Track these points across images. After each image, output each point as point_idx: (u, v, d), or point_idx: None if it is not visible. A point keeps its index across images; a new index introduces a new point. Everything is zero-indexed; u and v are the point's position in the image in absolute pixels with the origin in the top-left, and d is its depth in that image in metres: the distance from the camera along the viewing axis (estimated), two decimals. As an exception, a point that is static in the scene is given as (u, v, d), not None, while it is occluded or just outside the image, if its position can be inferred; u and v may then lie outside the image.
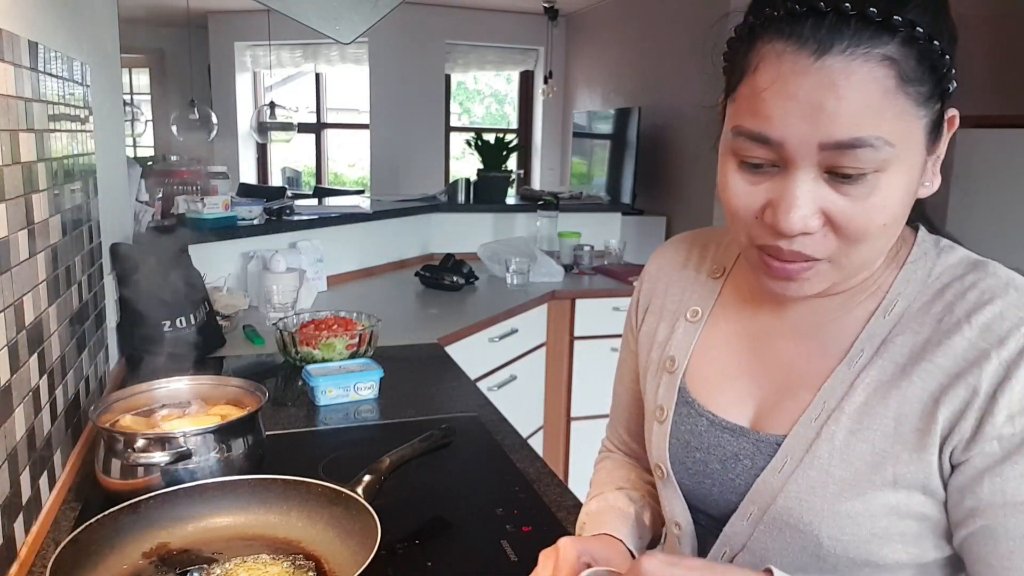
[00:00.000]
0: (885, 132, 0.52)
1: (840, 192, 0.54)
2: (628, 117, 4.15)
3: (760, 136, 0.55)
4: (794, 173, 0.55)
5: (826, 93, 0.51)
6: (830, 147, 0.52)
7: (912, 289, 0.61)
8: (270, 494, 0.85)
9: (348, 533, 0.78)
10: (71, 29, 1.22)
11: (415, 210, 3.04)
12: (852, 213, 0.55)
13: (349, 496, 0.81)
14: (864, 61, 0.51)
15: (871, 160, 0.52)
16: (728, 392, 0.69)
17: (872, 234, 0.56)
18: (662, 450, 0.71)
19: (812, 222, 0.55)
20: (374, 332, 1.65)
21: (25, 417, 0.86)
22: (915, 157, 0.55)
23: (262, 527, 0.83)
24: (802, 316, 0.66)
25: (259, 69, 6.21)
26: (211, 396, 1.10)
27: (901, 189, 0.55)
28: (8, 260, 0.82)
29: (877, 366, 0.60)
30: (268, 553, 0.79)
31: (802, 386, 0.63)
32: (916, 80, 0.52)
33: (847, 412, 0.60)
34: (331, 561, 0.78)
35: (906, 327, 0.60)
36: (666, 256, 0.80)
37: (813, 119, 0.52)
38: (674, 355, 0.73)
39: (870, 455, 0.58)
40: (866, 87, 0.51)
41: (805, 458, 0.61)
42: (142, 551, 0.78)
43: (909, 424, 0.57)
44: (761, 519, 0.63)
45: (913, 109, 0.53)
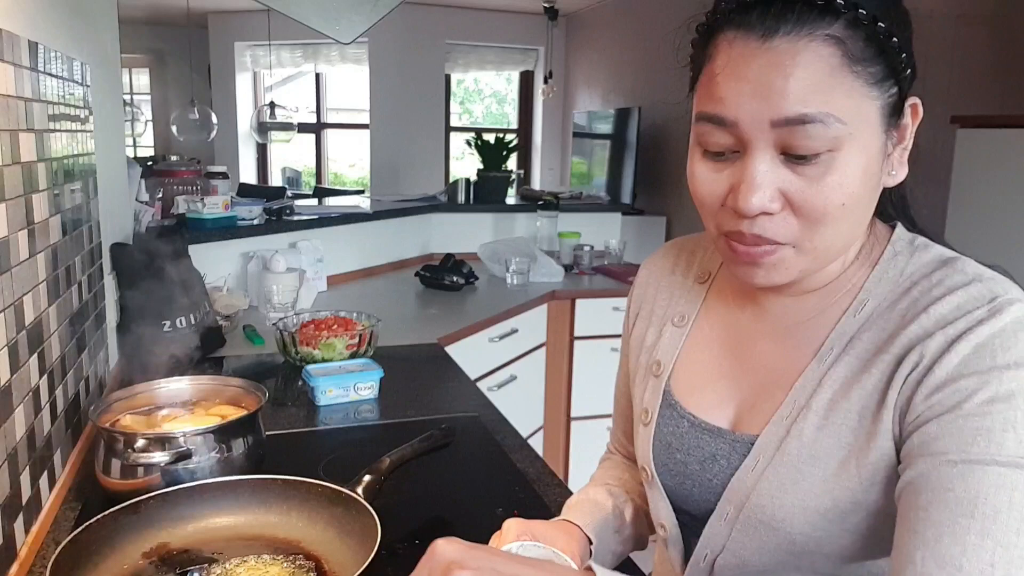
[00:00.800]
0: (834, 109, 0.53)
1: (797, 173, 0.56)
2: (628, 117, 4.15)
3: (715, 117, 0.57)
4: (752, 155, 0.56)
5: (774, 72, 0.53)
6: (781, 124, 0.54)
7: (883, 288, 0.62)
8: (270, 494, 0.85)
9: (348, 533, 0.78)
10: (71, 29, 1.22)
11: (415, 210, 3.04)
12: (809, 193, 0.56)
13: (349, 496, 0.81)
14: (809, 41, 0.53)
15: (822, 137, 0.54)
16: (709, 394, 0.70)
17: (831, 215, 0.56)
18: (646, 452, 0.73)
19: (771, 204, 0.56)
20: (374, 332, 1.65)
21: (25, 417, 0.86)
22: (871, 138, 0.56)
23: (262, 527, 0.83)
24: (780, 316, 0.67)
25: (259, 69, 6.21)
26: (211, 396, 1.10)
27: (859, 168, 0.56)
28: (8, 260, 0.82)
29: (843, 363, 0.61)
30: (268, 553, 0.79)
31: (777, 385, 0.65)
32: (865, 60, 0.54)
33: (814, 409, 0.61)
34: (331, 561, 0.77)
35: (873, 324, 0.61)
36: (656, 263, 0.82)
37: (763, 97, 0.54)
38: (660, 359, 0.74)
39: (836, 450, 0.59)
40: (812, 65, 0.53)
41: (775, 456, 0.62)
42: (142, 551, 0.78)
43: (869, 415, 0.58)
44: (737, 519, 0.64)
45: (864, 89, 0.54)
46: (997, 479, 0.49)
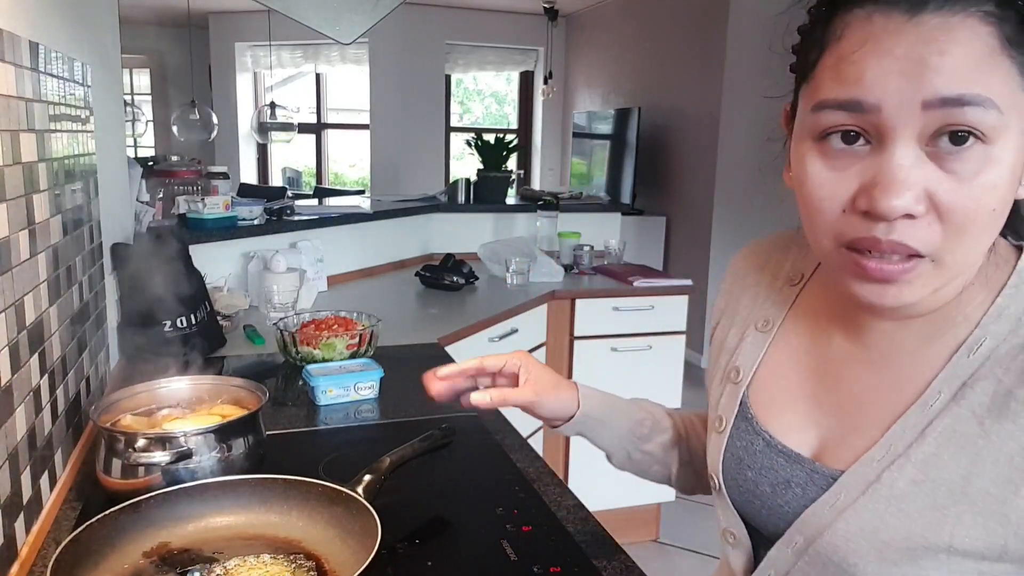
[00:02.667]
0: (993, 93, 0.47)
1: (945, 170, 0.48)
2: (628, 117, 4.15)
3: (851, 103, 0.49)
4: (892, 146, 0.49)
5: (927, 47, 0.47)
6: (935, 105, 0.47)
7: (1003, 327, 0.54)
8: (271, 494, 0.85)
9: (348, 533, 0.79)
10: (72, 29, 1.23)
11: (415, 210, 3.05)
12: (961, 194, 0.48)
13: (349, 496, 0.81)
14: (964, 17, 0.46)
15: (981, 123, 0.47)
16: (789, 414, 0.65)
17: (980, 221, 0.49)
18: (716, 461, 0.69)
19: (916, 205, 0.48)
20: (374, 332, 1.65)
21: (26, 417, 0.86)
22: (1021, 136, 0.49)
23: (263, 527, 0.83)
24: (878, 342, 0.60)
25: (259, 69, 6.22)
26: (212, 396, 1.10)
27: (1008, 170, 0.48)
28: (9, 260, 0.82)
29: (953, 413, 0.54)
30: (269, 553, 0.79)
31: (870, 422, 0.59)
32: (1021, 44, 0.47)
33: (913, 460, 0.55)
34: (332, 560, 0.78)
35: (990, 371, 0.53)
36: (746, 258, 0.76)
37: (915, 75, 0.47)
38: (739, 366, 0.69)
39: (930, 511, 0.54)
40: (970, 43, 0.46)
41: (860, 499, 0.57)
42: (143, 551, 0.78)
43: (979, 486, 0.52)
44: (806, 550, 0.60)
45: (1019, 78, 0.48)
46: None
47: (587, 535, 0.94)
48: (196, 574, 0.75)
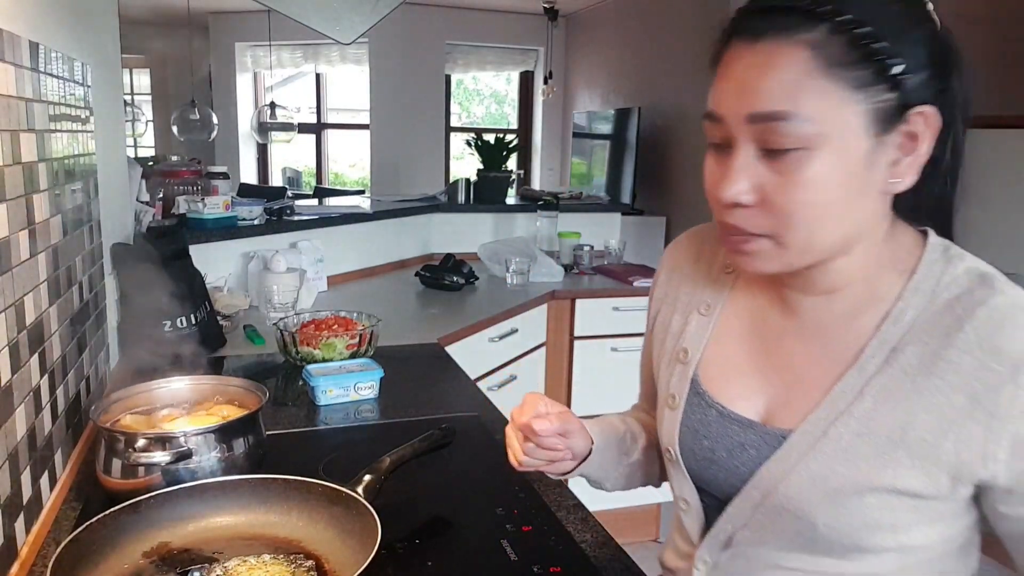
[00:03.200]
0: (804, 109, 0.57)
1: (772, 169, 0.60)
2: (628, 117, 4.15)
3: (710, 114, 0.63)
4: (735, 151, 0.61)
5: (753, 71, 0.58)
6: (755, 119, 0.59)
7: (920, 299, 0.64)
8: (271, 494, 0.85)
9: (348, 532, 0.79)
10: (72, 29, 1.23)
11: (415, 210, 3.05)
12: (780, 189, 0.59)
13: (349, 496, 0.82)
14: (791, 45, 0.57)
15: (793, 135, 0.57)
16: (737, 386, 0.73)
17: (798, 212, 0.60)
18: (672, 435, 0.77)
19: (744, 196, 0.61)
20: (374, 332, 1.65)
21: (26, 417, 0.86)
22: (852, 142, 0.58)
23: (263, 527, 0.83)
24: (809, 318, 0.69)
25: (259, 69, 6.22)
26: (212, 396, 1.10)
27: (835, 171, 0.58)
28: (9, 260, 0.82)
29: (887, 374, 0.63)
30: (269, 552, 0.79)
31: (812, 386, 0.67)
32: (848, 64, 0.57)
33: (855, 416, 0.64)
34: (332, 560, 0.78)
35: (915, 337, 0.63)
36: (680, 251, 0.84)
37: (741, 94, 0.59)
38: (687, 347, 0.77)
39: (874, 458, 0.62)
40: (788, 67, 0.57)
41: (810, 453, 0.65)
42: (143, 551, 0.78)
43: (914, 434, 0.61)
44: (762, 503, 0.68)
45: (844, 93, 0.57)
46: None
47: (587, 535, 0.94)
48: (196, 574, 0.75)
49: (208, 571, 0.76)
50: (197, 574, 0.75)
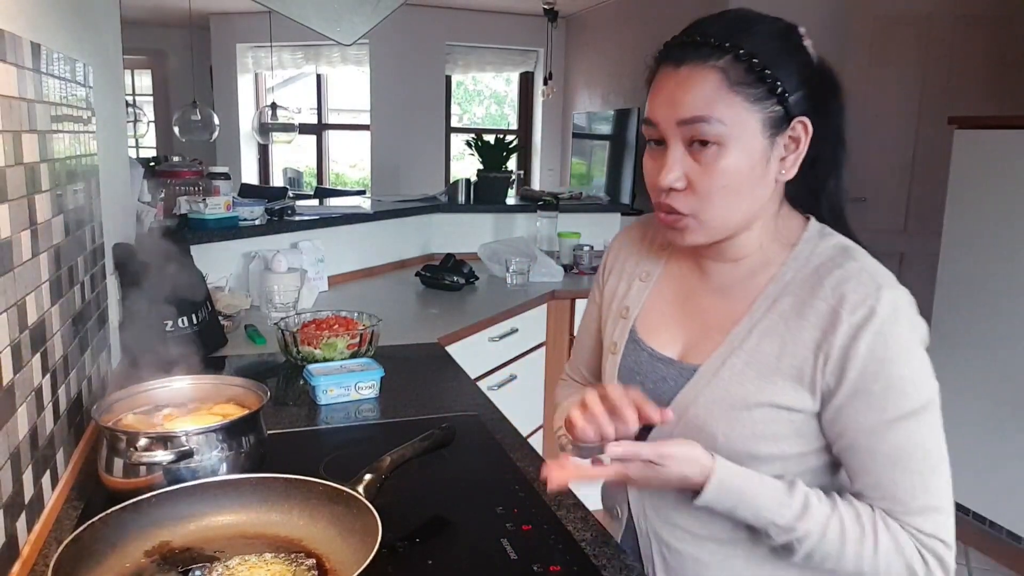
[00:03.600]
0: (718, 114, 0.76)
1: (696, 160, 0.79)
2: (627, 118, 4.15)
3: (647, 120, 0.82)
4: (670, 148, 0.80)
5: (679, 89, 0.78)
6: (683, 122, 0.78)
7: (798, 264, 0.84)
8: (272, 493, 0.85)
9: (349, 531, 0.79)
10: (73, 30, 1.23)
11: (416, 210, 3.05)
12: (703, 174, 0.79)
13: (350, 495, 0.82)
14: (704, 70, 0.77)
15: (711, 133, 0.77)
16: (664, 334, 0.92)
17: (716, 194, 0.79)
18: (613, 375, 0.95)
19: (678, 182, 0.80)
20: (375, 332, 1.65)
21: (28, 416, 0.86)
22: (752, 141, 0.78)
23: (264, 525, 0.84)
24: (717, 280, 0.89)
25: (261, 70, 6.22)
26: (213, 395, 1.10)
27: (742, 162, 0.78)
28: (11, 260, 0.82)
29: (768, 319, 0.83)
30: (270, 551, 0.79)
31: (717, 330, 0.87)
32: (745, 84, 0.77)
33: (745, 350, 0.83)
34: (332, 559, 0.78)
35: (791, 291, 0.83)
36: (629, 233, 1.06)
37: (670, 105, 0.79)
38: (628, 305, 0.97)
39: (757, 380, 0.82)
40: (702, 85, 0.77)
41: (712, 380, 0.84)
42: (144, 550, 0.78)
43: (786, 362, 0.81)
44: (678, 423, 0.85)
45: (745, 104, 0.77)
46: (899, 432, 0.77)
47: (587, 534, 0.94)
48: (198, 572, 0.75)
49: (209, 570, 0.76)
50: (199, 573, 0.75)
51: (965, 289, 2.62)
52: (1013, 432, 2.43)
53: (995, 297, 2.52)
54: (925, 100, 3.48)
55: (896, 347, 0.76)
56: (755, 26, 0.79)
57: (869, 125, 3.51)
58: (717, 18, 0.80)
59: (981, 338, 2.55)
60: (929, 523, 0.78)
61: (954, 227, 2.67)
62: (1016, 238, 2.45)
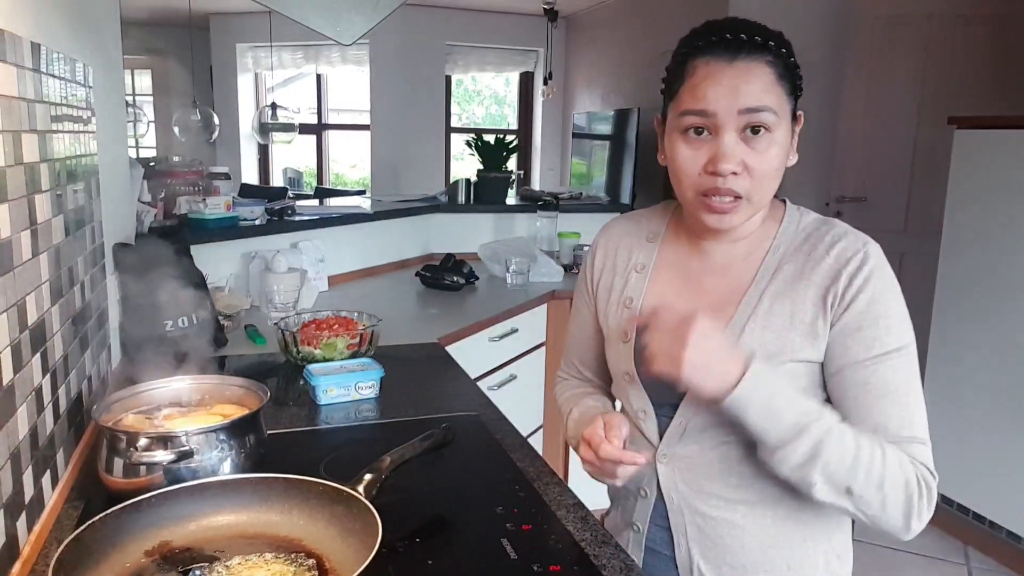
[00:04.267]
0: (773, 105, 0.85)
1: (750, 147, 0.86)
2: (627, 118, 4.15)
3: (701, 111, 0.86)
4: (723, 136, 0.86)
5: (739, 79, 0.85)
6: (745, 111, 0.85)
7: (788, 236, 0.94)
8: (272, 492, 0.85)
9: (349, 531, 0.79)
10: (73, 30, 1.23)
11: (416, 210, 3.05)
12: (759, 160, 0.86)
13: (350, 495, 0.82)
14: (760, 64, 0.85)
15: (768, 120, 0.85)
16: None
17: (770, 176, 0.87)
18: (629, 361, 0.99)
19: (737, 167, 0.86)
20: (375, 332, 1.65)
21: (28, 416, 0.86)
22: (786, 129, 0.88)
23: (264, 525, 0.84)
24: (720, 258, 0.96)
25: (260, 70, 6.22)
26: (213, 395, 1.10)
27: (782, 148, 0.88)
28: (11, 260, 0.82)
29: (774, 285, 0.91)
30: (270, 551, 0.79)
31: (727, 304, 0.93)
32: (785, 79, 0.87)
33: (759, 316, 0.90)
34: (332, 559, 0.78)
35: (788, 260, 0.92)
36: (610, 231, 1.10)
37: (734, 94, 0.85)
38: (631, 296, 1.02)
39: (775, 341, 0.89)
40: (761, 77, 0.85)
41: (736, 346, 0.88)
42: (144, 549, 0.78)
43: (799, 319, 0.89)
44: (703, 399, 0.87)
45: (785, 96, 0.87)
46: (889, 368, 0.86)
47: (587, 534, 0.94)
48: (197, 572, 0.75)
49: (209, 570, 0.76)
50: (199, 572, 0.75)
51: (965, 289, 2.62)
52: (1013, 432, 2.43)
53: (995, 297, 2.52)
54: (925, 100, 3.48)
55: (884, 289, 0.87)
56: (774, 31, 0.88)
57: (869, 125, 3.51)
58: (743, 21, 0.87)
59: (981, 338, 2.55)
60: (918, 453, 0.85)
61: (954, 227, 2.67)
62: (1016, 238, 2.45)
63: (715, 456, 0.93)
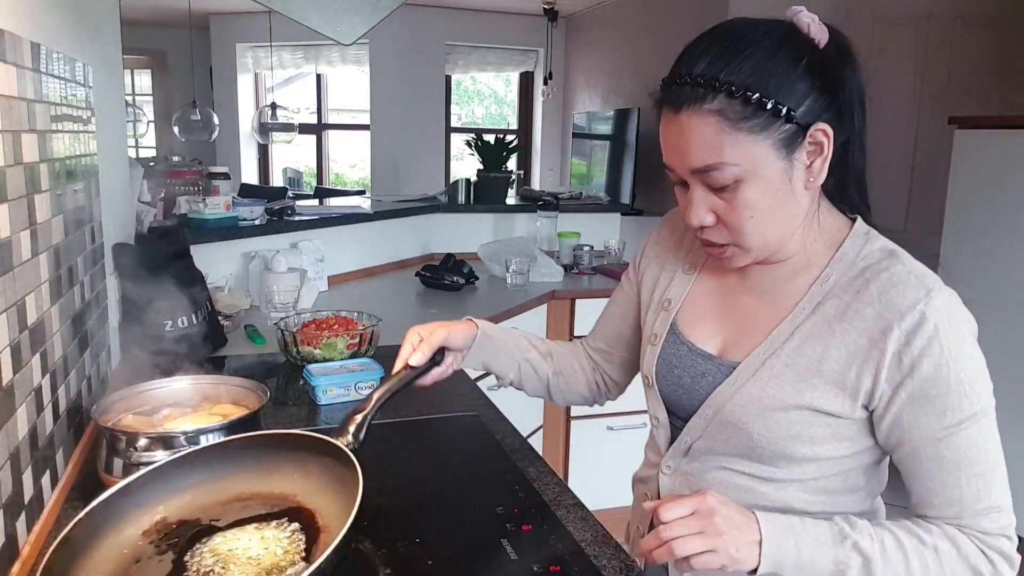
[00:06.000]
0: (725, 158, 0.75)
1: (719, 197, 0.79)
2: (627, 118, 4.15)
3: (666, 166, 0.82)
4: (692, 189, 0.80)
5: (680, 137, 0.77)
6: (695, 171, 0.78)
7: (843, 266, 0.82)
8: (261, 450, 0.85)
9: (340, 481, 0.78)
10: (73, 30, 1.23)
11: (416, 210, 3.05)
12: (727, 211, 0.79)
13: (336, 446, 0.81)
14: (701, 115, 0.75)
15: (724, 177, 0.76)
16: (704, 328, 0.92)
17: (746, 225, 0.79)
18: (651, 366, 0.95)
19: (706, 218, 0.80)
20: (375, 332, 1.65)
21: (27, 416, 0.86)
22: (768, 168, 0.76)
23: (257, 484, 0.83)
24: (759, 278, 0.89)
25: (260, 70, 6.22)
26: (213, 395, 1.10)
27: (763, 190, 0.77)
28: (11, 260, 0.82)
29: (812, 321, 0.82)
30: (264, 510, 0.80)
31: (758, 329, 0.86)
32: (747, 118, 0.74)
33: (786, 351, 0.82)
34: (324, 515, 0.78)
35: (835, 294, 0.81)
36: (671, 223, 1.03)
37: (679, 155, 0.79)
38: (671, 298, 0.97)
39: (796, 382, 0.81)
40: (701, 130, 0.75)
41: (751, 379, 0.84)
42: (142, 531, 0.77)
43: (828, 366, 0.79)
44: (713, 419, 0.87)
45: (752, 136, 0.75)
46: (965, 437, 0.76)
47: (587, 534, 0.94)
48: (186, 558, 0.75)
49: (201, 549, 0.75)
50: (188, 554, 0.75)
51: (965, 289, 2.60)
52: (1013, 432, 2.42)
53: (995, 297, 2.52)
54: (925, 100, 3.48)
55: (952, 351, 0.75)
56: (748, 48, 0.75)
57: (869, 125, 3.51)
58: (706, 46, 0.76)
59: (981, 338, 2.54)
60: (993, 522, 0.78)
61: (954, 227, 2.67)
62: (1016, 238, 2.45)
63: (714, 479, 0.89)
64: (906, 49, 3.50)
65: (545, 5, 5.24)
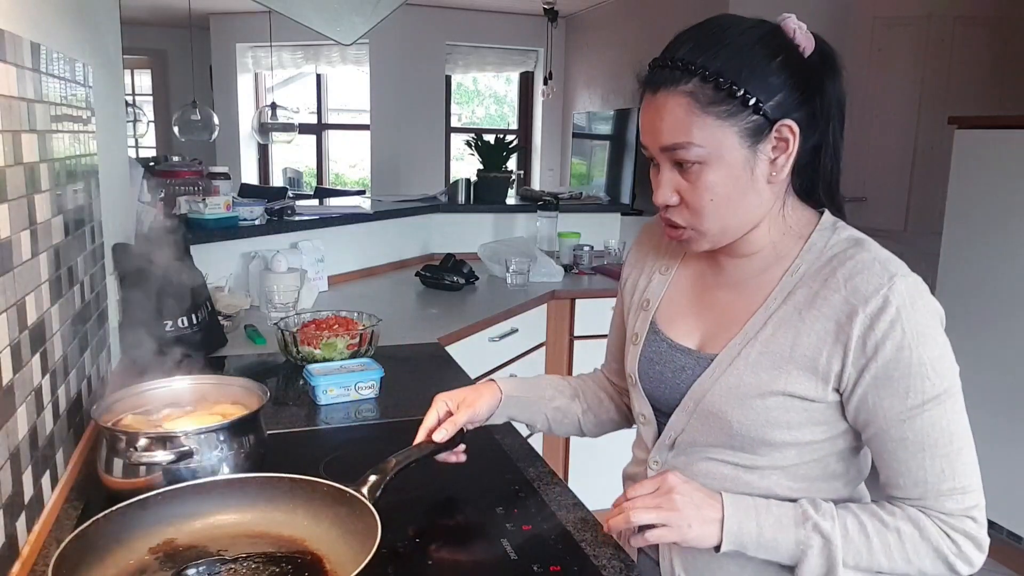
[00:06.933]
0: (692, 138, 0.79)
1: (684, 177, 0.82)
2: (627, 118, 4.15)
3: (641, 144, 0.86)
4: (660, 167, 0.84)
5: (655, 115, 0.81)
6: (664, 149, 0.82)
7: (811, 256, 0.86)
8: (277, 492, 0.85)
9: (352, 532, 0.79)
10: (73, 30, 1.23)
11: (416, 210, 3.05)
12: (690, 191, 0.83)
13: (353, 496, 0.82)
14: (675, 95, 0.79)
15: (690, 155, 0.80)
16: (682, 325, 0.95)
17: (705, 207, 0.82)
18: (634, 364, 0.98)
19: (671, 198, 0.84)
20: (375, 332, 1.65)
21: (27, 416, 0.86)
22: (732, 154, 0.80)
23: (268, 524, 0.84)
24: (733, 272, 0.92)
25: (260, 70, 6.22)
26: (213, 395, 1.10)
27: (724, 176, 0.81)
28: (11, 260, 0.82)
29: (783, 310, 0.85)
30: (272, 549, 0.79)
31: (733, 322, 0.89)
32: (717, 103, 0.78)
33: (760, 340, 0.85)
34: (333, 560, 0.78)
35: (805, 283, 0.85)
36: (650, 230, 1.08)
37: (652, 133, 0.83)
38: (649, 298, 1.00)
39: (771, 369, 0.84)
40: (673, 111, 0.80)
41: (728, 369, 0.87)
42: (149, 547, 0.78)
43: (800, 352, 0.82)
44: (695, 411, 0.89)
45: (719, 122, 0.79)
46: (928, 419, 0.79)
47: (587, 534, 0.94)
48: (190, 572, 0.75)
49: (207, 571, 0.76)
50: (193, 571, 0.75)
51: (965, 289, 2.62)
52: (1013, 432, 2.43)
53: (995, 297, 2.52)
54: (925, 100, 3.48)
55: (914, 333, 0.78)
56: (728, 39, 0.79)
57: (869, 125, 3.51)
58: (691, 35, 0.81)
59: (981, 338, 2.55)
60: (957, 504, 0.80)
61: (954, 227, 2.68)
62: (1016, 238, 2.45)
63: (700, 471, 0.90)
64: (906, 49, 3.50)
65: (545, 5, 5.25)
